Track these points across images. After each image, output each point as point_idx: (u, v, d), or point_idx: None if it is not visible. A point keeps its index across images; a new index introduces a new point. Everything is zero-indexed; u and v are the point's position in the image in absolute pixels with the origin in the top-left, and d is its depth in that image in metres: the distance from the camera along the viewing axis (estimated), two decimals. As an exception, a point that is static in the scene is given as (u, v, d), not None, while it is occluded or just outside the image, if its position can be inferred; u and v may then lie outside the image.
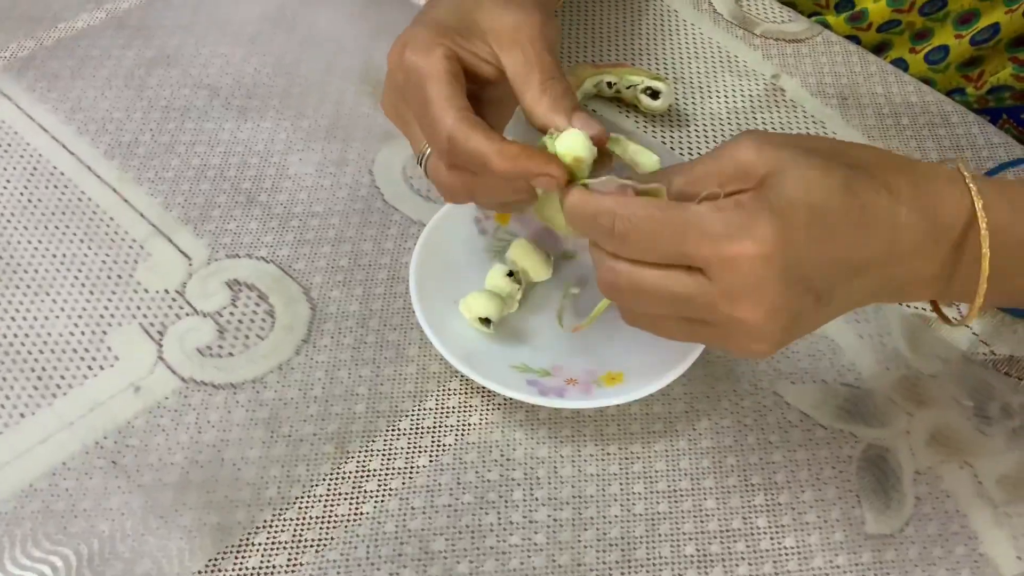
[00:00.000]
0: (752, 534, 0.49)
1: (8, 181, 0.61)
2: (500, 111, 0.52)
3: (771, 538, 0.49)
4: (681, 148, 0.66)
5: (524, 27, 0.48)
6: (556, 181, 0.44)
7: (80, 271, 0.57)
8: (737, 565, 0.49)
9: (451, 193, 0.50)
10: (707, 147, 0.66)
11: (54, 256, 0.58)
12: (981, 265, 0.42)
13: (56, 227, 0.59)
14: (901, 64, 0.73)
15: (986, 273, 0.42)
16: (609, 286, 0.44)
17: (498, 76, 0.49)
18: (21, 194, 0.61)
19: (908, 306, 0.58)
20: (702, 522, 0.50)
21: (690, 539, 0.49)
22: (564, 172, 0.45)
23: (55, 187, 0.61)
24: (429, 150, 0.49)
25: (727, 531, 0.50)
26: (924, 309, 0.58)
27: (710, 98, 0.69)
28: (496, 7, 0.49)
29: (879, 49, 0.74)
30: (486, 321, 0.53)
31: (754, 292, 0.40)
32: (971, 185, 0.42)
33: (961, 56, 0.71)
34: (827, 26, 0.74)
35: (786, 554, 0.49)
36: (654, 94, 0.65)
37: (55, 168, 0.62)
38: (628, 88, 0.65)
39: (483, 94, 0.50)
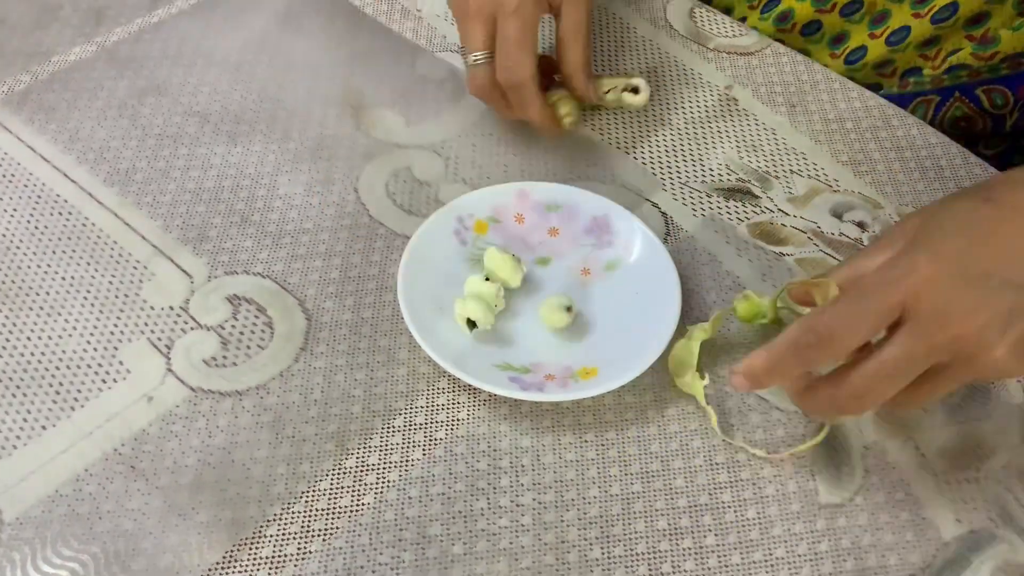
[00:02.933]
0: (718, 508, 0.55)
1: (15, 210, 0.65)
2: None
3: (735, 511, 0.55)
4: (643, 158, 0.71)
5: (590, 19, 0.66)
6: (551, 133, 0.68)
7: (89, 292, 0.62)
8: (705, 536, 0.54)
9: (478, 93, 0.68)
10: (668, 155, 0.71)
11: (63, 279, 0.62)
12: None
13: (63, 252, 0.64)
14: (861, 51, 0.78)
15: None
16: (852, 401, 0.47)
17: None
18: (28, 222, 0.65)
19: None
20: (672, 499, 0.55)
21: (662, 515, 0.54)
22: (558, 128, 0.67)
23: (59, 214, 0.66)
24: (480, 59, 0.65)
25: (695, 506, 0.55)
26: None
27: (668, 109, 0.74)
28: None
29: (840, 39, 0.79)
30: (471, 324, 0.58)
31: (952, 304, 0.43)
32: None
33: (921, 35, 0.76)
34: (757, 30, 0.79)
35: (748, 525, 0.54)
36: (635, 90, 0.70)
37: (58, 196, 0.67)
38: (607, 93, 0.70)
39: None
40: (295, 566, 0.52)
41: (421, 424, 0.57)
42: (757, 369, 0.48)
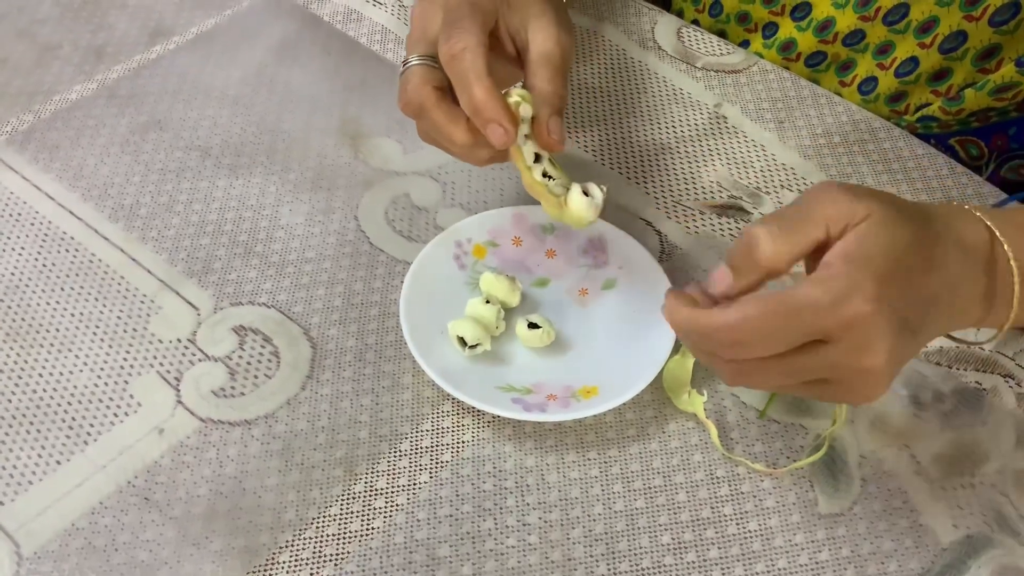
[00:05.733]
0: (720, 521, 0.56)
1: (23, 248, 0.67)
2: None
3: (736, 524, 0.56)
4: (636, 177, 0.72)
5: (565, 46, 0.57)
6: (506, 136, 0.53)
7: (98, 327, 0.63)
8: (708, 549, 0.55)
9: (409, 104, 0.57)
10: (660, 174, 0.72)
11: (72, 315, 0.64)
12: (1014, 279, 0.48)
13: (71, 288, 0.65)
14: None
15: (1018, 291, 0.48)
16: (737, 381, 0.48)
17: (509, 57, 0.59)
18: (35, 259, 0.66)
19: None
20: (675, 514, 0.56)
21: (665, 529, 0.55)
22: (515, 130, 0.53)
23: (66, 251, 0.67)
24: (414, 61, 0.57)
25: (698, 520, 0.56)
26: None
27: (659, 128, 0.75)
28: (546, 13, 0.57)
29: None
30: (462, 342, 0.59)
31: (875, 342, 0.44)
32: (983, 216, 0.49)
33: (889, 89, 0.77)
34: (762, 57, 0.81)
35: (750, 537, 0.55)
36: (585, 192, 0.58)
37: (64, 233, 0.68)
38: (549, 179, 0.58)
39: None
40: (308, 591, 0.53)
41: (427, 447, 0.58)
42: (675, 324, 0.49)
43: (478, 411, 0.59)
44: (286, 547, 0.54)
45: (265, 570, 0.54)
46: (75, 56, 0.80)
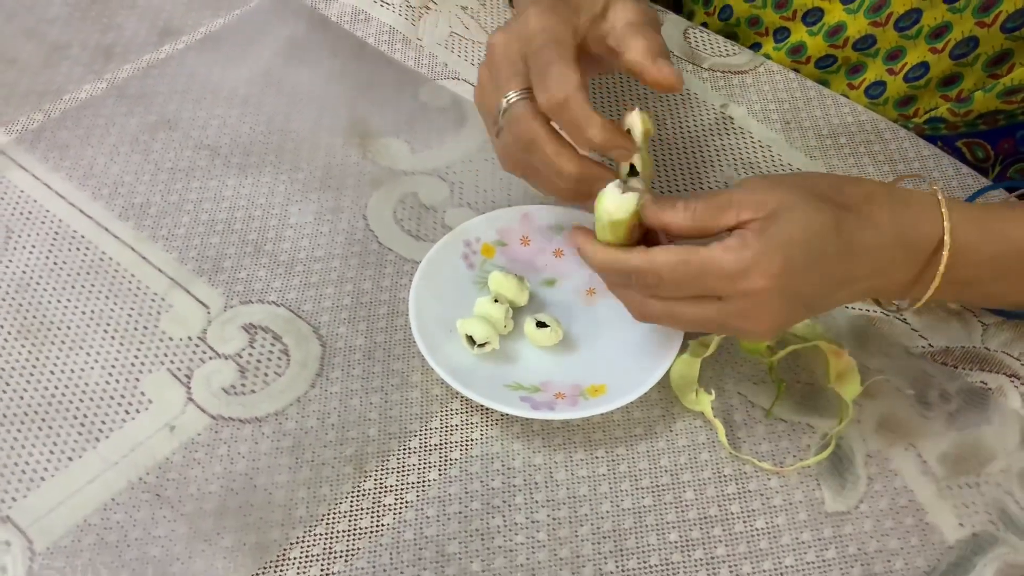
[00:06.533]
0: (727, 519, 0.56)
1: (34, 246, 0.67)
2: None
3: (744, 521, 0.56)
4: (643, 177, 0.72)
5: (649, 16, 0.58)
6: (629, 154, 0.55)
7: (109, 325, 0.63)
8: (716, 547, 0.55)
9: (519, 140, 0.56)
10: (667, 173, 0.73)
11: (83, 313, 0.64)
12: (936, 272, 0.53)
13: (83, 286, 0.65)
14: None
15: (936, 284, 0.53)
16: (643, 317, 0.55)
17: (598, 57, 0.59)
18: (47, 257, 0.67)
19: (852, 308, 0.65)
20: (683, 512, 0.56)
21: (673, 527, 0.56)
22: (636, 148, 0.55)
23: (77, 249, 0.67)
24: (514, 96, 0.56)
25: (705, 518, 0.56)
26: (868, 310, 0.65)
27: (666, 128, 0.76)
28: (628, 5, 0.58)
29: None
30: (471, 340, 0.59)
31: (762, 313, 0.51)
32: (944, 210, 0.52)
33: (898, 93, 0.77)
34: (770, 58, 0.81)
35: (758, 535, 0.56)
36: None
37: (75, 231, 0.68)
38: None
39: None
40: (319, 587, 0.54)
41: (436, 445, 0.59)
42: (595, 263, 0.54)
43: (487, 409, 0.60)
44: (297, 543, 0.55)
45: (276, 566, 0.54)
46: (84, 56, 0.80)
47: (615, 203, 0.53)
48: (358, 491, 0.57)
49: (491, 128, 0.60)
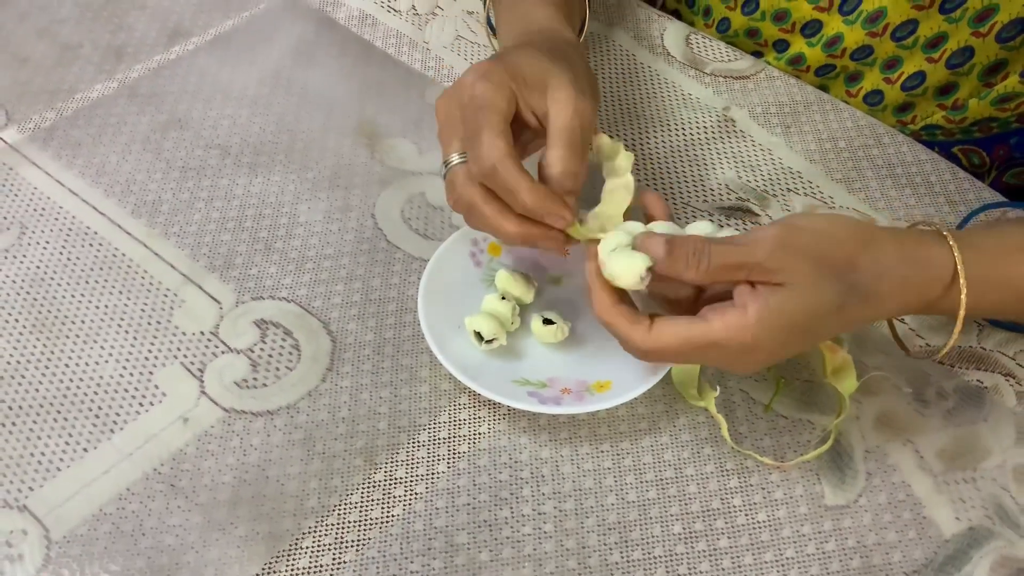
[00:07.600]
0: (729, 512, 0.57)
1: (48, 242, 0.68)
2: (521, 151, 0.60)
3: (746, 514, 0.57)
4: (646, 179, 0.74)
5: (584, 115, 0.56)
6: (565, 223, 0.55)
7: (123, 320, 0.64)
8: (718, 539, 0.56)
9: (459, 202, 0.58)
10: (669, 175, 0.74)
11: (97, 308, 0.65)
12: (958, 315, 0.54)
13: (96, 282, 0.66)
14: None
15: (960, 327, 0.55)
16: (630, 352, 0.55)
17: (537, 129, 0.59)
18: (60, 253, 0.68)
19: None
20: (686, 504, 0.58)
21: (677, 519, 0.57)
22: (573, 216, 0.55)
23: (90, 245, 0.68)
24: (455, 160, 0.58)
25: (708, 511, 0.57)
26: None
27: (669, 132, 0.77)
28: (564, 86, 0.56)
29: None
30: (479, 336, 0.61)
31: (750, 366, 0.53)
32: (956, 255, 0.54)
33: (895, 101, 0.79)
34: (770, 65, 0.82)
35: (759, 527, 0.57)
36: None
37: (88, 228, 0.69)
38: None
39: (516, 132, 0.58)
40: (330, 576, 0.55)
41: (445, 438, 0.60)
42: (598, 315, 0.55)
43: (494, 404, 0.61)
44: (309, 533, 0.56)
45: (289, 555, 0.55)
46: (95, 56, 0.81)
47: (620, 267, 0.52)
48: (369, 482, 0.58)
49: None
